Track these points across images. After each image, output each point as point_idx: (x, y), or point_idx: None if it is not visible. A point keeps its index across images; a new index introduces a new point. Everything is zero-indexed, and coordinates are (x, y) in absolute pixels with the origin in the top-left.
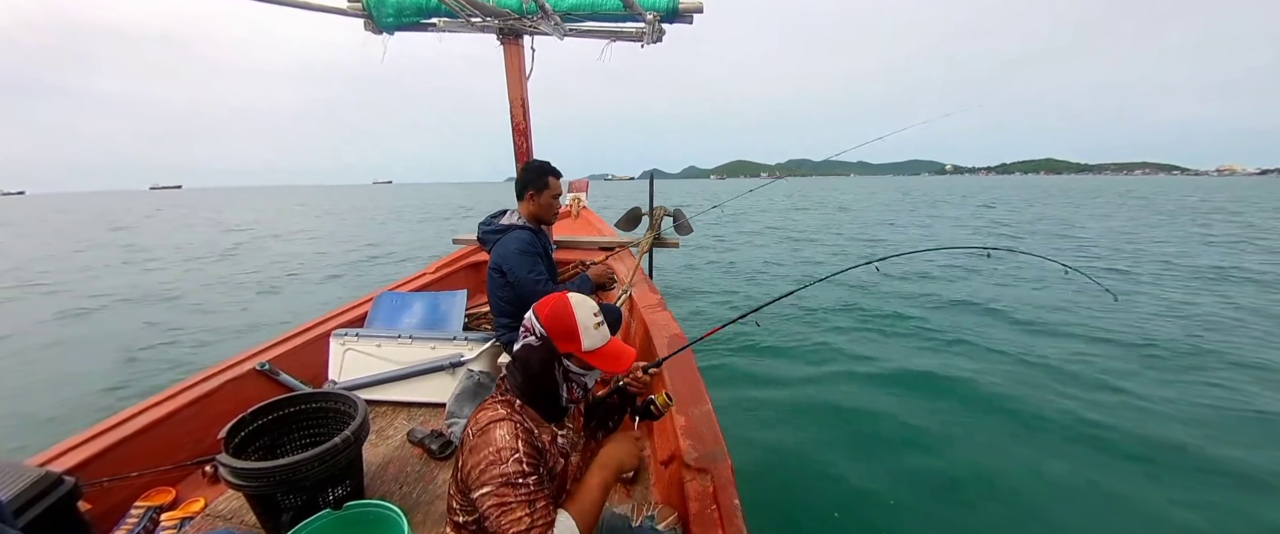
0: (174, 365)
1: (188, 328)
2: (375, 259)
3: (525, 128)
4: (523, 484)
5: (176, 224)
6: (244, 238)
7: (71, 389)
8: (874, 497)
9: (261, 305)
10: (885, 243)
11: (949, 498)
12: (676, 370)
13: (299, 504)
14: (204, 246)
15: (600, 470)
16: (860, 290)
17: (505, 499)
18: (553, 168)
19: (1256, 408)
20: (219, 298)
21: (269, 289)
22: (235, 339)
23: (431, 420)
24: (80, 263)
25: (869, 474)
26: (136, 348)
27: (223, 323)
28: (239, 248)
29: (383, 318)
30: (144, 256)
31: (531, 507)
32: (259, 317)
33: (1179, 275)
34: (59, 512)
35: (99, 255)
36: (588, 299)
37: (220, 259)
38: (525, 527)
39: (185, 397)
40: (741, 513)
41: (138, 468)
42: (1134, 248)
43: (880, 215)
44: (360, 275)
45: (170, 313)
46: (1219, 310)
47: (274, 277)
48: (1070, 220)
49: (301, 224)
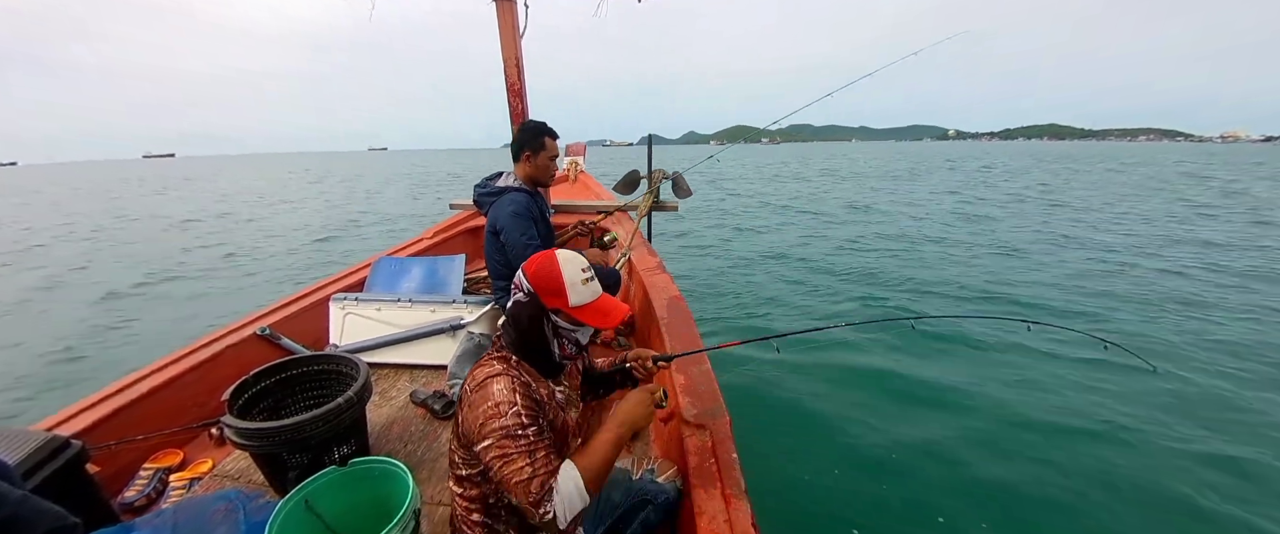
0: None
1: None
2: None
3: (520, 88)
4: (523, 435)
5: (213, 194)
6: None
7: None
8: (871, 454)
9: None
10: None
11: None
12: (676, 331)
13: (305, 463)
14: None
15: (615, 427)
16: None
17: (506, 451)
18: (549, 128)
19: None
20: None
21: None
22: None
23: (433, 381)
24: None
25: (865, 432)
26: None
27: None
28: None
29: (382, 283)
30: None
31: (532, 456)
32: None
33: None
34: (68, 474)
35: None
36: (576, 255)
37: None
38: (527, 476)
39: (188, 361)
40: (739, 466)
41: (144, 431)
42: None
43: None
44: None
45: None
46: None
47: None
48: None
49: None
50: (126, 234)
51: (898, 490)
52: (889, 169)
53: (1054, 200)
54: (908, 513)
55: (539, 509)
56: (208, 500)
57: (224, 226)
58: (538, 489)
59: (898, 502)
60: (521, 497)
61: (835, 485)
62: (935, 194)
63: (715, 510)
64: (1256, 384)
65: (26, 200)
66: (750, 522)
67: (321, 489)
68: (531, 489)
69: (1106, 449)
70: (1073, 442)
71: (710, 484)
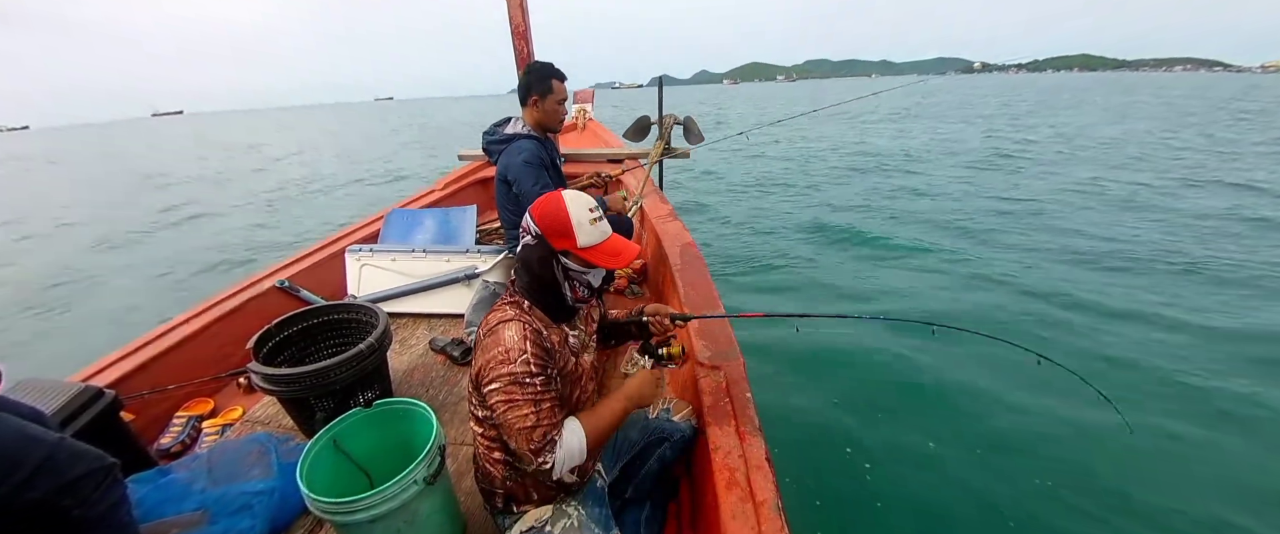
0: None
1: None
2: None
3: (525, 30)
4: (530, 384)
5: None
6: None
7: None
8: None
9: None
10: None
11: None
12: (690, 279)
13: (331, 407)
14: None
15: (624, 399)
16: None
17: (512, 397)
18: (556, 69)
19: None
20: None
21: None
22: None
23: (451, 329)
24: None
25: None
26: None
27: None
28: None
29: (395, 234)
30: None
31: (537, 406)
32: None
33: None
34: (103, 422)
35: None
36: (584, 195)
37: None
38: (531, 424)
39: (211, 314)
40: (754, 404)
41: (175, 381)
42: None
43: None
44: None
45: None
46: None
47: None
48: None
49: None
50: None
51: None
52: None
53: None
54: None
55: (538, 457)
56: (241, 443)
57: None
58: (540, 438)
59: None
60: (522, 443)
61: (850, 430)
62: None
63: (730, 446)
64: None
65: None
66: (764, 455)
67: (349, 429)
68: (534, 437)
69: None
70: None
71: (725, 422)
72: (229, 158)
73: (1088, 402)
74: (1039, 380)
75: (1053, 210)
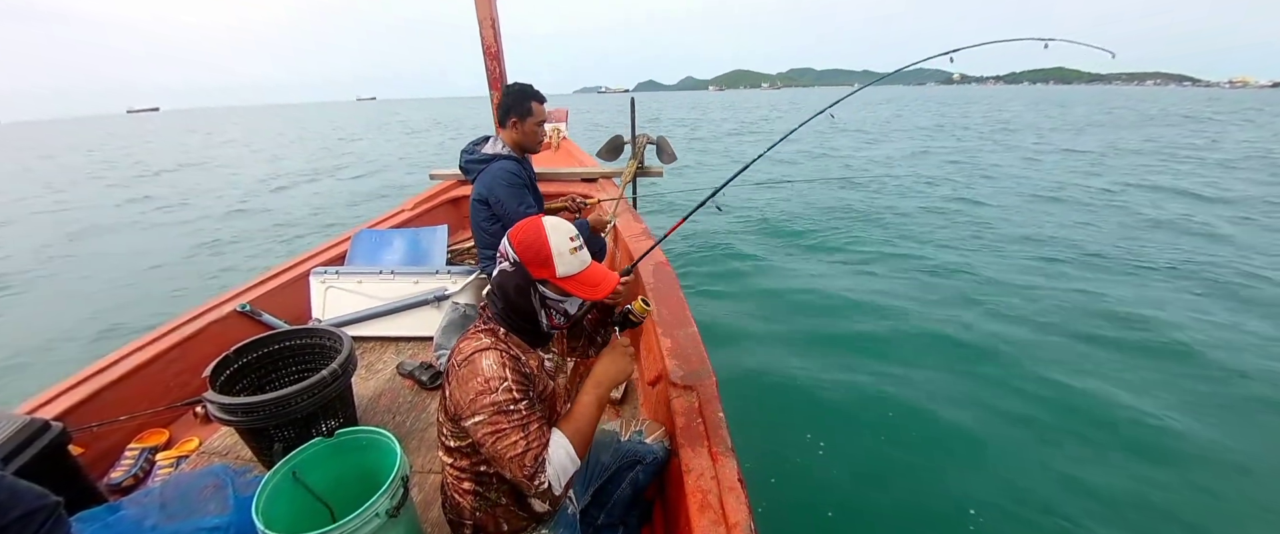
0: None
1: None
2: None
3: (496, 51)
4: (514, 410)
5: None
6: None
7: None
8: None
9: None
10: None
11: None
12: (663, 298)
13: (292, 437)
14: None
15: (594, 387)
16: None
17: (499, 427)
18: (535, 91)
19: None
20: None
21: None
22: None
23: (420, 353)
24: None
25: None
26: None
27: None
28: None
29: (362, 256)
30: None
31: (525, 430)
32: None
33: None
34: (50, 456)
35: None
36: (564, 223)
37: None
38: (521, 450)
39: (167, 340)
40: (726, 425)
41: (127, 411)
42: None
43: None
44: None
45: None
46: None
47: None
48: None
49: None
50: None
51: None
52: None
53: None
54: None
55: (534, 481)
56: (195, 477)
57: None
58: (532, 462)
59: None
60: (516, 471)
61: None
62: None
63: (702, 468)
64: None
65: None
66: (736, 477)
67: (309, 460)
68: (526, 462)
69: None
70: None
71: (697, 443)
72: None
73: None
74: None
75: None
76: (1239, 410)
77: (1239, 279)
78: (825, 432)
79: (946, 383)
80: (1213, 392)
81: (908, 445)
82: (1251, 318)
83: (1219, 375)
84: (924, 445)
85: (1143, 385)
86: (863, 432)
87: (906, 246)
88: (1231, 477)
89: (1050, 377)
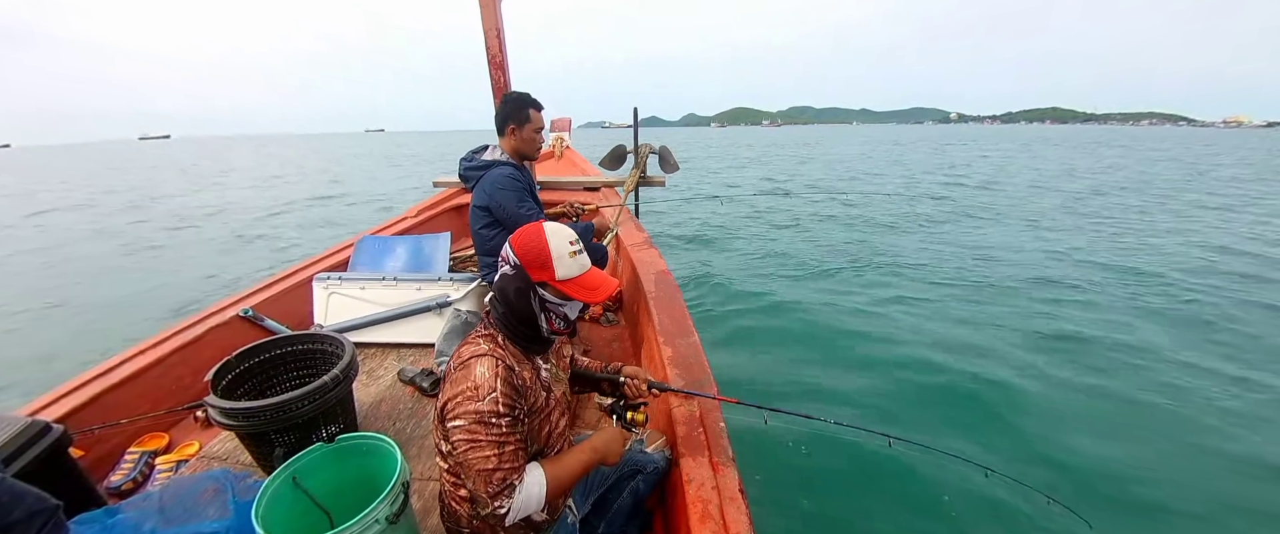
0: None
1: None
2: None
3: (502, 61)
4: (495, 424)
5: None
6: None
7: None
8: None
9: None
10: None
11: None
12: (664, 306)
13: (292, 442)
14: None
15: (591, 451)
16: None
17: (476, 437)
18: (533, 99)
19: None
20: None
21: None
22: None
23: (421, 360)
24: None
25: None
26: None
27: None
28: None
29: (366, 262)
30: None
31: (501, 448)
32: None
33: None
34: (50, 459)
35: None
36: (564, 227)
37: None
38: (491, 467)
39: (170, 344)
40: (727, 434)
41: (128, 415)
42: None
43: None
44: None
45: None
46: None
47: None
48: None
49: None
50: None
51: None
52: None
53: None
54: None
55: (494, 502)
56: (195, 481)
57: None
58: (499, 482)
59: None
60: (480, 485)
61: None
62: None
63: (703, 478)
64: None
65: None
66: (737, 487)
67: (309, 466)
68: (493, 481)
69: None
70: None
71: (698, 453)
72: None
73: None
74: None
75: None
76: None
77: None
78: (825, 443)
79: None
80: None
81: (910, 460)
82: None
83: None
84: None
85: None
86: (864, 446)
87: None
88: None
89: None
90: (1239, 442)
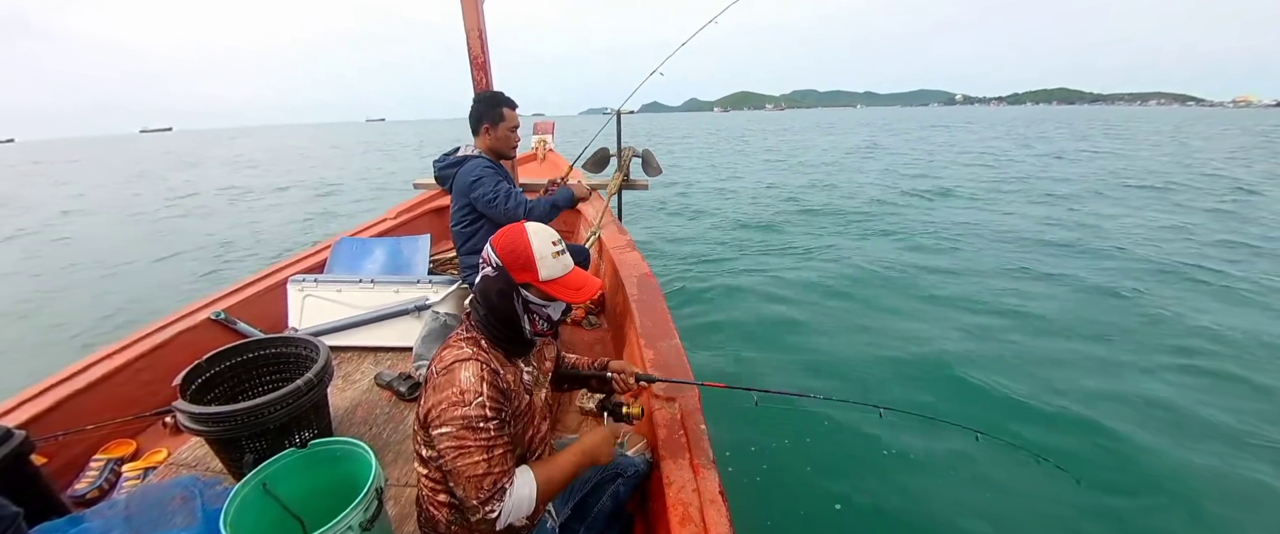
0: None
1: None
2: None
3: (484, 61)
4: (483, 429)
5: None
6: None
7: None
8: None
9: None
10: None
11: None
12: (646, 309)
13: (264, 449)
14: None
15: (580, 453)
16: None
17: (464, 443)
18: (507, 97)
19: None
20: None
21: None
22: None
23: (399, 364)
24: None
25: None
26: None
27: None
28: None
29: (343, 264)
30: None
31: (489, 452)
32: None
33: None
34: (11, 466)
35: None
36: (546, 227)
37: None
38: (481, 472)
39: (138, 348)
40: (708, 436)
41: (93, 421)
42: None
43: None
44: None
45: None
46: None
47: None
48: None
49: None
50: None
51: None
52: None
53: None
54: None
55: (485, 507)
56: (162, 488)
57: None
58: (490, 487)
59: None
60: (470, 491)
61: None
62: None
63: (684, 480)
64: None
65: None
66: (717, 489)
67: (280, 472)
68: (483, 486)
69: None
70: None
71: (679, 455)
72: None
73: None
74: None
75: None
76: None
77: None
78: (807, 444)
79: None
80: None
81: (892, 457)
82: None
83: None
84: (913, 456)
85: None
86: (847, 442)
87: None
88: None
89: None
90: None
